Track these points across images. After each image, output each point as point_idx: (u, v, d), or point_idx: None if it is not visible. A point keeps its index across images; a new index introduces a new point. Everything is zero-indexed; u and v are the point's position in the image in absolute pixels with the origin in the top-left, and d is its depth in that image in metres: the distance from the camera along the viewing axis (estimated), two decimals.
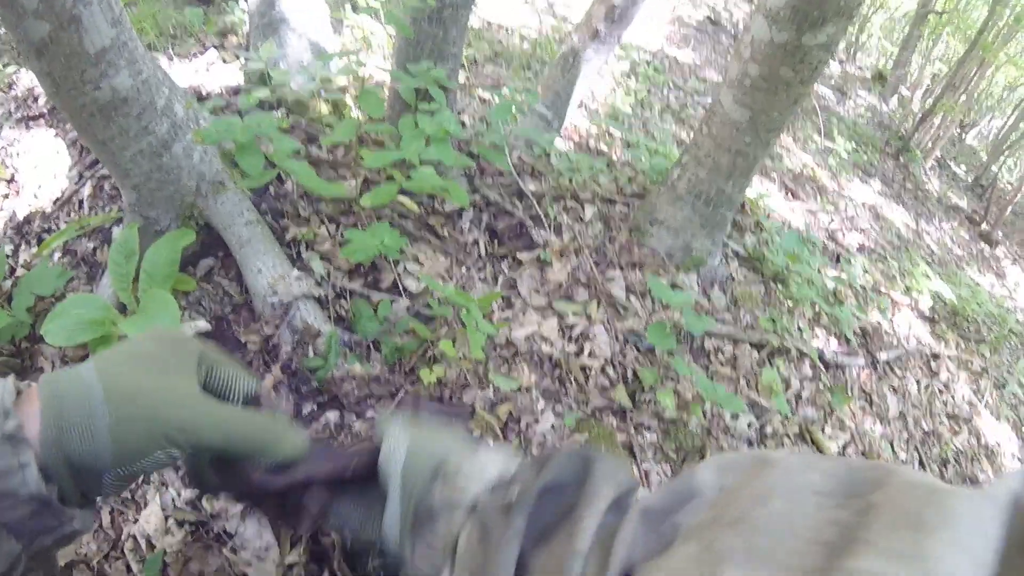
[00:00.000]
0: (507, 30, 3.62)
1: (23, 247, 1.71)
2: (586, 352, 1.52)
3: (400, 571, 0.44)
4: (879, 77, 7.30)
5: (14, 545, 0.35)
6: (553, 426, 1.28)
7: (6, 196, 1.87)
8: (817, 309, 2.16)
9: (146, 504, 1.04)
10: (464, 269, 1.57)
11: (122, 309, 1.24)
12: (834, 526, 0.24)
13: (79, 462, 0.36)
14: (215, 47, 2.49)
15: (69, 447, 0.36)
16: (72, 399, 0.36)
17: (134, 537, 1.00)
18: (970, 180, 6.53)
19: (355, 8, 2.84)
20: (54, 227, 1.72)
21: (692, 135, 1.90)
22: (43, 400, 0.36)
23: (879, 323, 2.48)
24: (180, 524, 1.01)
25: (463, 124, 2.05)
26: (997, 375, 2.84)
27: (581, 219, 1.91)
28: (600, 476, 0.36)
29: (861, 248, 3.08)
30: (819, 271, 2.34)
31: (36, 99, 2.18)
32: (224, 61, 2.38)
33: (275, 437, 0.44)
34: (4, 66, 2.37)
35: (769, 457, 0.29)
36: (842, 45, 8.54)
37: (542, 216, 1.76)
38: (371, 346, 1.28)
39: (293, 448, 0.45)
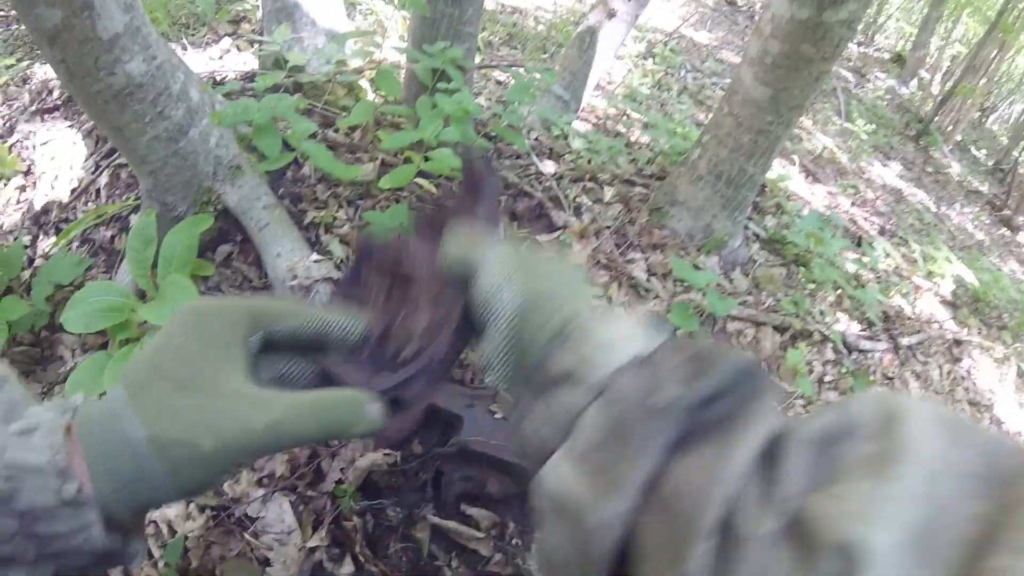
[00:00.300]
0: (522, 12, 3.58)
1: (41, 237, 1.72)
2: None
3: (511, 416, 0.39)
4: (898, 59, 7.15)
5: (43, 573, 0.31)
6: None
7: (23, 188, 1.88)
8: (839, 292, 2.12)
9: None
10: None
11: (141, 296, 1.24)
12: (976, 522, 0.22)
13: (141, 507, 0.34)
14: (228, 35, 2.48)
15: (129, 500, 0.32)
16: (117, 455, 0.32)
17: (155, 522, 1.00)
18: (991, 164, 6.39)
19: None
20: (72, 217, 1.73)
21: (712, 115, 1.87)
22: (88, 458, 0.32)
23: (901, 307, 2.43)
24: (201, 509, 1.00)
25: (480, 106, 2.02)
26: (1019, 362, 2.79)
27: (600, 200, 1.88)
28: (767, 398, 0.30)
29: (882, 231, 3.02)
30: (840, 254, 2.30)
31: (51, 92, 2.18)
32: (238, 49, 2.37)
33: (343, 426, 0.36)
34: (18, 60, 2.38)
35: (921, 422, 0.26)
36: (860, 26, 8.38)
37: (561, 198, 1.74)
38: None
39: (366, 429, 0.38)
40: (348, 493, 1.00)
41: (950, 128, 5.82)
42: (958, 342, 2.57)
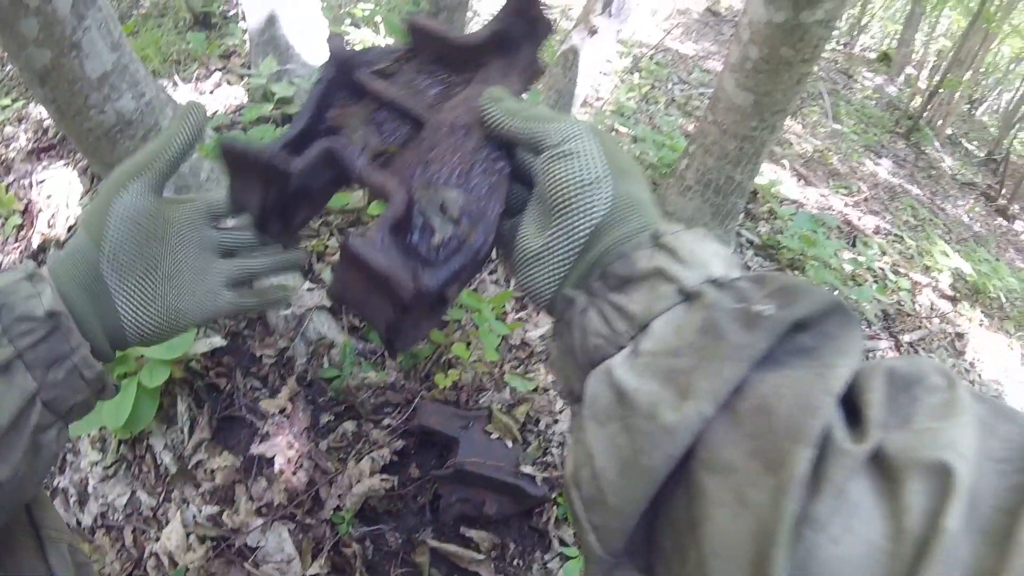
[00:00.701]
0: None
1: None
2: None
3: (555, 311, 0.36)
4: (884, 58, 7.20)
5: (29, 381, 0.35)
6: None
7: (21, 226, 1.90)
8: (836, 293, 2.12)
9: (168, 521, 1.04)
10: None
11: None
12: (1014, 492, 0.22)
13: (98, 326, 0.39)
14: (219, 70, 2.52)
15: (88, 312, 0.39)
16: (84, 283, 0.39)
17: (156, 555, 1.00)
18: (983, 156, 6.41)
19: (356, 24, 2.86)
20: None
21: (697, 124, 1.88)
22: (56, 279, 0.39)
23: (901, 304, 2.42)
24: (202, 540, 1.00)
25: None
26: (1021, 351, 2.77)
27: None
28: (856, 335, 0.29)
29: (877, 230, 3.02)
30: (836, 254, 2.30)
31: (47, 131, 2.22)
32: (228, 83, 2.40)
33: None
34: (14, 101, 2.42)
35: (961, 400, 0.26)
36: (845, 28, 8.46)
37: None
38: (385, 354, 1.28)
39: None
40: (346, 519, 1.00)
41: (940, 123, 5.85)
42: (960, 335, 2.56)
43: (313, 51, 1.89)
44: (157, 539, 1.03)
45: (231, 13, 2.98)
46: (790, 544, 0.23)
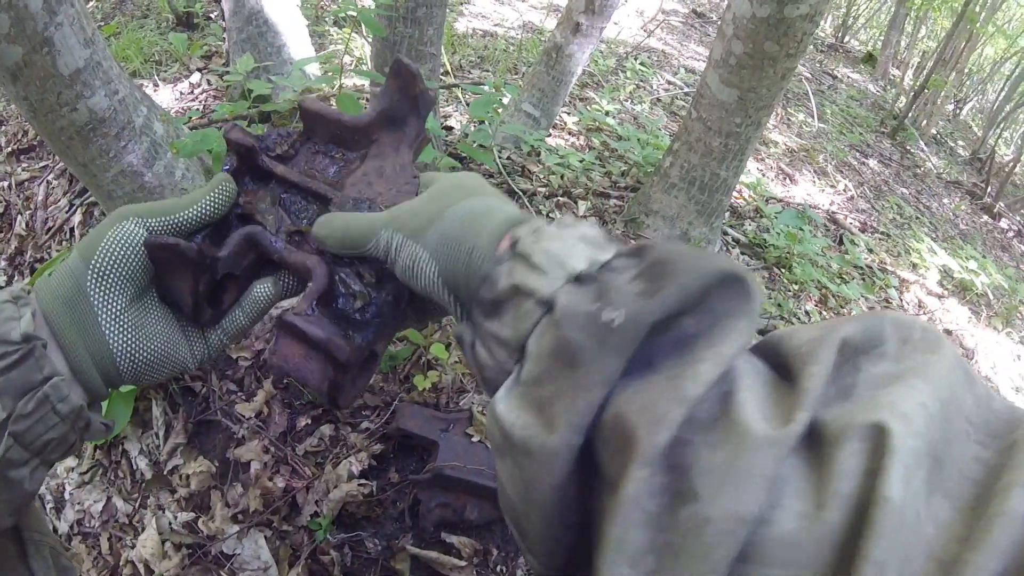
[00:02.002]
0: (492, 35, 3.62)
1: (16, 277, 1.71)
2: None
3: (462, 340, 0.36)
4: (869, 58, 7.27)
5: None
6: None
7: None
8: (824, 291, 2.12)
9: (143, 528, 1.01)
10: None
11: None
12: (979, 463, 0.22)
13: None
14: (199, 70, 2.49)
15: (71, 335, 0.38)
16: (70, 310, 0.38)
17: (132, 563, 0.98)
18: (968, 155, 6.48)
19: (336, 23, 2.84)
20: (46, 256, 1.71)
21: (682, 121, 1.88)
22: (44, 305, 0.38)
23: (888, 301, 2.43)
24: (177, 547, 0.98)
25: (450, 128, 2.03)
26: (1011, 347, 2.79)
27: (575, 215, 1.88)
28: (745, 308, 0.26)
29: (864, 228, 3.04)
30: (823, 252, 2.30)
31: (26, 133, 2.18)
32: (209, 83, 2.38)
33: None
34: None
35: (940, 353, 0.24)
36: (830, 30, 8.52)
37: (535, 214, 1.73)
38: None
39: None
40: (324, 526, 0.98)
41: (925, 122, 5.90)
42: (948, 332, 2.57)
43: (291, 46, 1.87)
44: (133, 546, 1.01)
45: (214, 14, 2.95)
46: (634, 549, 0.22)
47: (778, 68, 1.56)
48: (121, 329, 0.39)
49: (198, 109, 1.84)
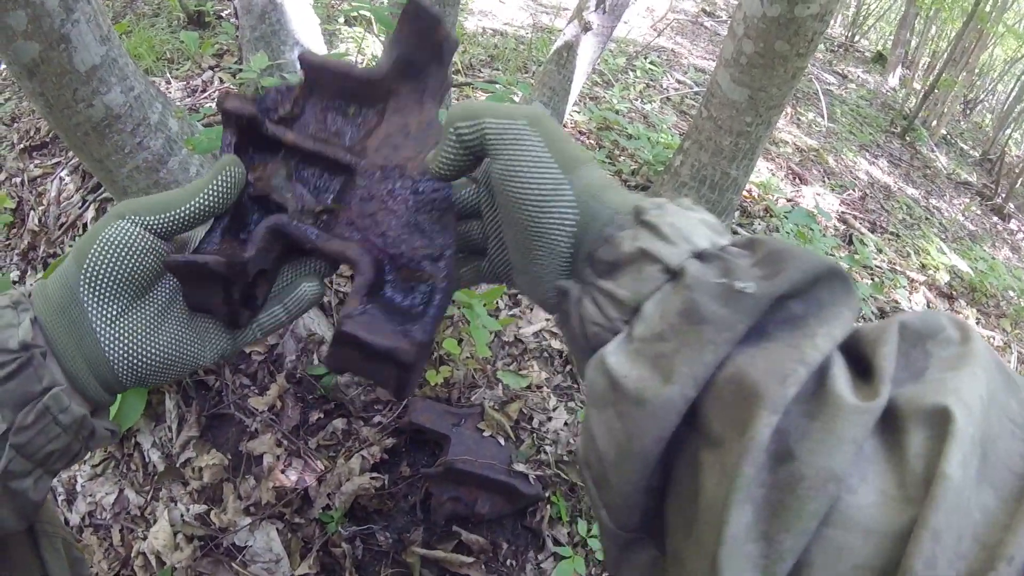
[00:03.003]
0: (503, 34, 3.62)
1: (29, 272, 1.73)
2: None
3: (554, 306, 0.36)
4: (879, 58, 7.22)
5: None
6: (567, 423, 1.25)
7: (12, 224, 1.88)
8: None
9: (155, 520, 1.02)
10: None
11: None
12: (1022, 460, 0.23)
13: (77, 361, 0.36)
14: (211, 68, 2.51)
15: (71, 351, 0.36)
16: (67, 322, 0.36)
17: (144, 554, 0.99)
18: (978, 155, 6.43)
19: (347, 22, 2.85)
20: (59, 251, 1.73)
21: (692, 120, 1.88)
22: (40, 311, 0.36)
23: (897, 302, 2.42)
24: (189, 539, 0.99)
25: None
26: (1020, 348, 2.77)
27: None
28: (848, 304, 0.28)
29: (873, 228, 3.02)
30: (832, 252, 2.29)
31: (38, 130, 2.20)
32: (221, 80, 2.39)
33: None
34: (6, 100, 2.40)
35: (988, 353, 0.26)
36: (839, 30, 8.47)
37: None
38: None
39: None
40: (336, 519, 0.98)
41: (935, 123, 5.86)
42: None
43: (305, 44, 1.88)
44: (145, 538, 1.02)
45: (225, 12, 2.97)
46: (751, 498, 0.23)
47: (788, 67, 1.56)
48: (117, 336, 0.36)
49: (212, 107, 1.85)
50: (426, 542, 0.99)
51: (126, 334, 0.36)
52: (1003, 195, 5.11)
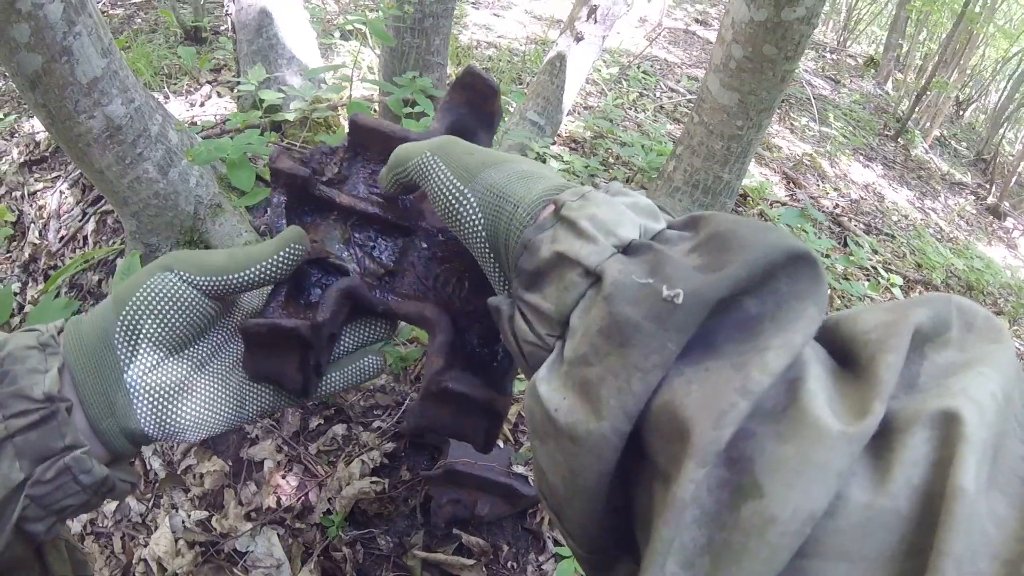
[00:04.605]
0: (497, 47, 3.66)
1: (30, 284, 1.74)
2: None
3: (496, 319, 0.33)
4: (871, 62, 7.29)
5: (16, 470, 0.30)
6: None
7: (13, 237, 1.90)
8: (829, 291, 2.12)
9: (156, 527, 1.03)
10: None
11: None
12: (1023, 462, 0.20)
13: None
14: (209, 83, 2.54)
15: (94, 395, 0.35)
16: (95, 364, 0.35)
17: (145, 561, 0.99)
18: (972, 156, 6.47)
19: (345, 36, 2.89)
20: (60, 263, 1.74)
21: (684, 125, 1.90)
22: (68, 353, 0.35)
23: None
24: (191, 545, 0.99)
25: None
26: (1019, 345, 2.78)
27: None
28: (810, 286, 0.24)
29: (868, 230, 3.04)
30: (827, 255, 2.31)
31: (38, 144, 2.22)
32: (219, 95, 2.42)
33: None
34: (6, 115, 2.43)
35: (1003, 343, 0.23)
36: (832, 35, 8.56)
37: None
38: None
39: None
40: (336, 523, 0.99)
41: (928, 124, 5.91)
42: None
43: (301, 57, 1.90)
44: (146, 545, 1.02)
45: (222, 28, 3.01)
46: (679, 557, 0.20)
47: (777, 71, 1.59)
48: (148, 390, 0.35)
49: (211, 120, 1.87)
50: (427, 545, 1.00)
51: (158, 389, 0.35)
52: (998, 194, 5.14)
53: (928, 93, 5.42)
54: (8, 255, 1.89)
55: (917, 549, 0.18)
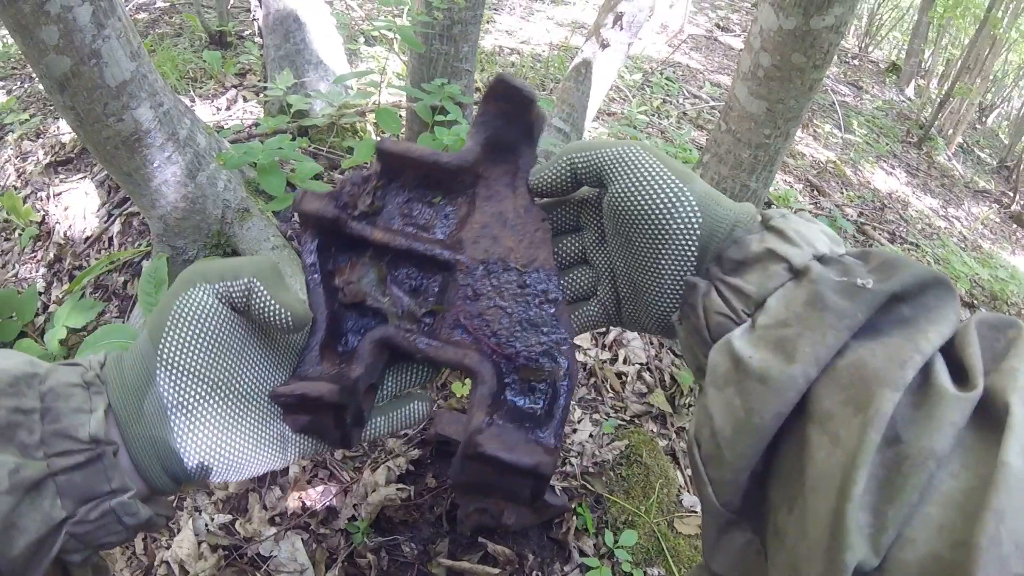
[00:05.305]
0: (520, 53, 3.67)
1: (55, 284, 1.76)
2: (620, 358, 1.48)
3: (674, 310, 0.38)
4: (893, 68, 7.20)
5: (58, 509, 0.30)
6: (592, 435, 1.24)
7: (38, 237, 1.92)
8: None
9: (179, 530, 1.03)
10: None
11: None
12: None
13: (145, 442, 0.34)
14: (235, 87, 2.56)
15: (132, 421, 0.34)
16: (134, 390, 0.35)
17: (167, 563, 0.99)
18: (995, 163, 6.36)
19: (368, 42, 2.90)
20: (85, 264, 1.76)
21: (710, 134, 1.88)
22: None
23: None
24: (214, 549, 0.99)
25: None
26: None
27: None
28: (951, 308, 0.31)
29: (892, 238, 2.99)
30: None
31: (64, 145, 2.25)
32: (244, 99, 2.44)
33: None
34: (32, 116, 2.47)
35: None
36: (854, 41, 8.47)
37: None
38: None
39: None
40: (362, 529, 0.98)
41: (951, 131, 5.82)
42: None
43: (328, 62, 1.91)
44: (168, 547, 1.02)
45: (246, 32, 3.04)
46: (870, 467, 0.25)
47: (805, 79, 1.56)
48: (192, 428, 0.34)
49: (239, 124, 1.89)
50: (452, 553, 0.98)
51: (201, 427, 0.34)
52: (1021, 202, 5.04)
53: (951, 100, 5.34)
54: (33, 255, 1.91)
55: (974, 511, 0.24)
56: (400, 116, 1.80)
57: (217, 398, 0.35)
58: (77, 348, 1.18)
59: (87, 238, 1.84)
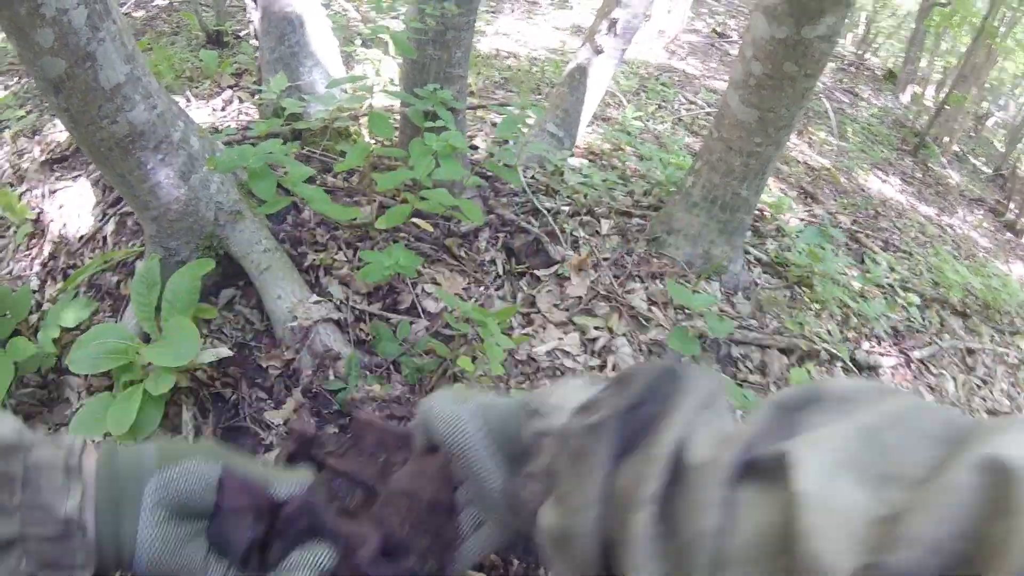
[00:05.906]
0: (516, 56, 3.67)
1: (49, 283, 1.75)
2: (610, 365, 1.50)
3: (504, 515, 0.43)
4: (890, 76, 7.24)
5: (22, 568, 0.34)
6: None
7: (32, 235, 1.92)
8: (845, 310, 2.11)
9: None
10: (482, 288, 1.57)
11: (146, 339, 1.25)
12: (922, 467, 0.27)
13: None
14: (230, 87, 2.56)
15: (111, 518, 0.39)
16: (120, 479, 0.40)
17: None
18: (990, 171, 6.40)
19: (365, 44, 2.91)
20: (79, 263, 1.76)
21: (703, 141, 1.89)
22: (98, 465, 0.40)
23: (911, 320, 2.40)
24: None
25: (475, 147, 2.06)
26: None
27: (598, 233, 1.90)
28: (685, 387, 0.35)
29: (886, 247, 3.01)
30: (845, 271, 2.29)
31: (60, 143, 2.25)
32: (240, 100, 2.44)
33: None
34: (28, 113, 2.46)
35: (889, 392, 0.31)
36: (851, 47, 8.51)
37: (558, 232, 1.75)
38: (391, 367, 1.28)
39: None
40: None
41: (946, 139, 5.85)
42: (971, 351, 2.53)
43: (324, 67, 1.92)
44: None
45: (243, 32, 3.04)
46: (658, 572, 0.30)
47: (797, 88, 1.58)
48: (153, 537, 0.39)
49: (234, 127, 1.89)
50: None
51: (162, 536, 0.40)
52: (1016, 211, 5.08)
53: (947, 107, 5.37)
54: (27, 252, 1.91)
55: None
56: (392, 120, 1.81)
57: (180, 523, 0.41)
58: (70, 347, 1.19)
59: (81, 237, 1.84)
